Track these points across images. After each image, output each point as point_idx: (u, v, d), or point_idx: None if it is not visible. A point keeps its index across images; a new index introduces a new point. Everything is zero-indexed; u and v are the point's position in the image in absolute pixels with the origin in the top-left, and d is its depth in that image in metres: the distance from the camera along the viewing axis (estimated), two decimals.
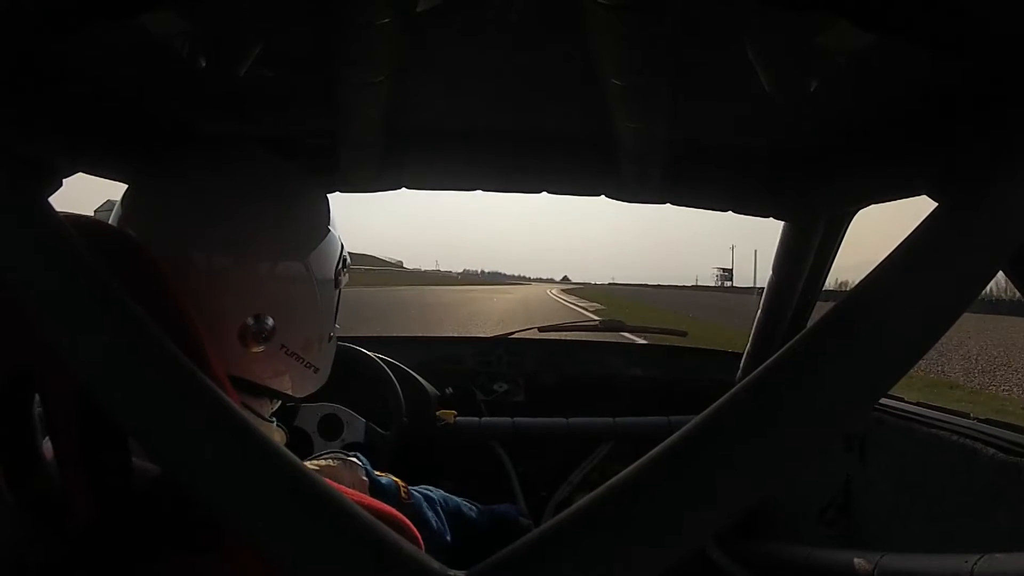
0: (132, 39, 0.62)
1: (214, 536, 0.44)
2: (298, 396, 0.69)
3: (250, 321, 0.61)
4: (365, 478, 0.59)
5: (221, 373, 0.51)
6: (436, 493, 0.78)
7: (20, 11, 0.41)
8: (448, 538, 0.72)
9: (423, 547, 0.48)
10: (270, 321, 0.62)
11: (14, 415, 0.49)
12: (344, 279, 0.72)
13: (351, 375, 1.29)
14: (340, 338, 1.46)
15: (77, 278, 0.37)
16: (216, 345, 0.56)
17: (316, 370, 0.69)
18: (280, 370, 0.65)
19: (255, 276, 0.62)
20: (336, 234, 0.70)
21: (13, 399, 0.49)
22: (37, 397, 0.49)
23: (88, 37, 0.54)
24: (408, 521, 0.50)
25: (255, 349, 0.61)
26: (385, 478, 0.65)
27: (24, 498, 0.48)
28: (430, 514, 0.71)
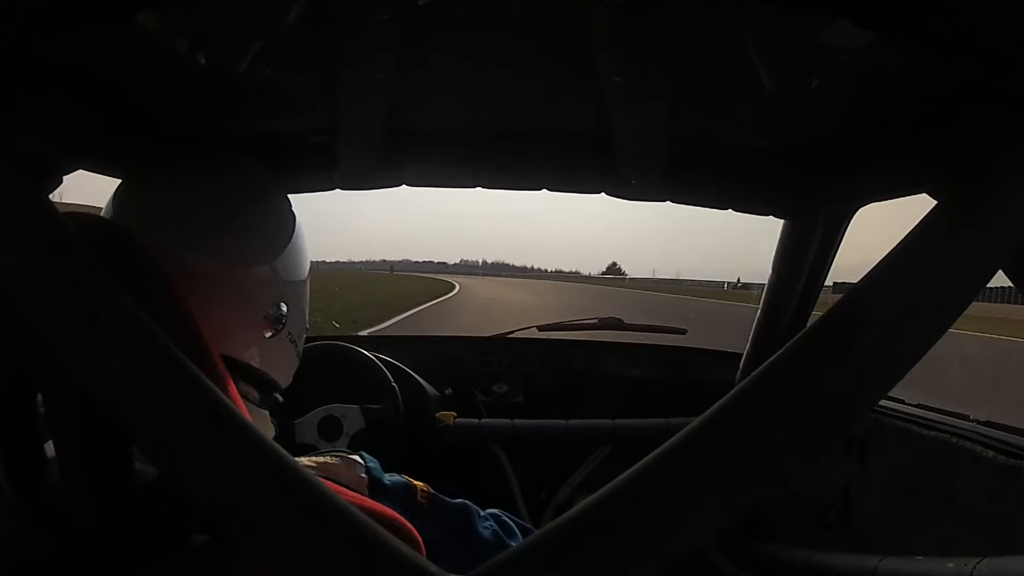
0: (131, 37, 0.62)
1: (213, 537, 0.44)
2: (283, 385, 0.73)
3: (271, 310, 0.68)
4: (364, 475, 0.58)
5: (222, 369, 0.51)
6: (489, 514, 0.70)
7: (19, 10, 0.41)
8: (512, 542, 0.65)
9: (423, 551, 0.48)
10: (284, 308, 0.69)
11: (16, 415, 0.49)
12: None
13: (343, 373, 1.28)
14: (339, 337, 1.47)
15: (76, 276, 0.37)
16: (228, 331, 0.63)
17: (298, 356, 0.75)
18: (279, 357, 0.70)
19: (269, 271, 0.68)
20: None
21: (15, 399, 0.49)
22: (40, 397, 0.49)
23: (87, 35, 0.54)
24: (408, 523, 0.50)
25: (267, 334, 0.68)
26: (395, 477, 0.62)
27: (26, 498, 0.48)
28: (478, 524, 0.65)
